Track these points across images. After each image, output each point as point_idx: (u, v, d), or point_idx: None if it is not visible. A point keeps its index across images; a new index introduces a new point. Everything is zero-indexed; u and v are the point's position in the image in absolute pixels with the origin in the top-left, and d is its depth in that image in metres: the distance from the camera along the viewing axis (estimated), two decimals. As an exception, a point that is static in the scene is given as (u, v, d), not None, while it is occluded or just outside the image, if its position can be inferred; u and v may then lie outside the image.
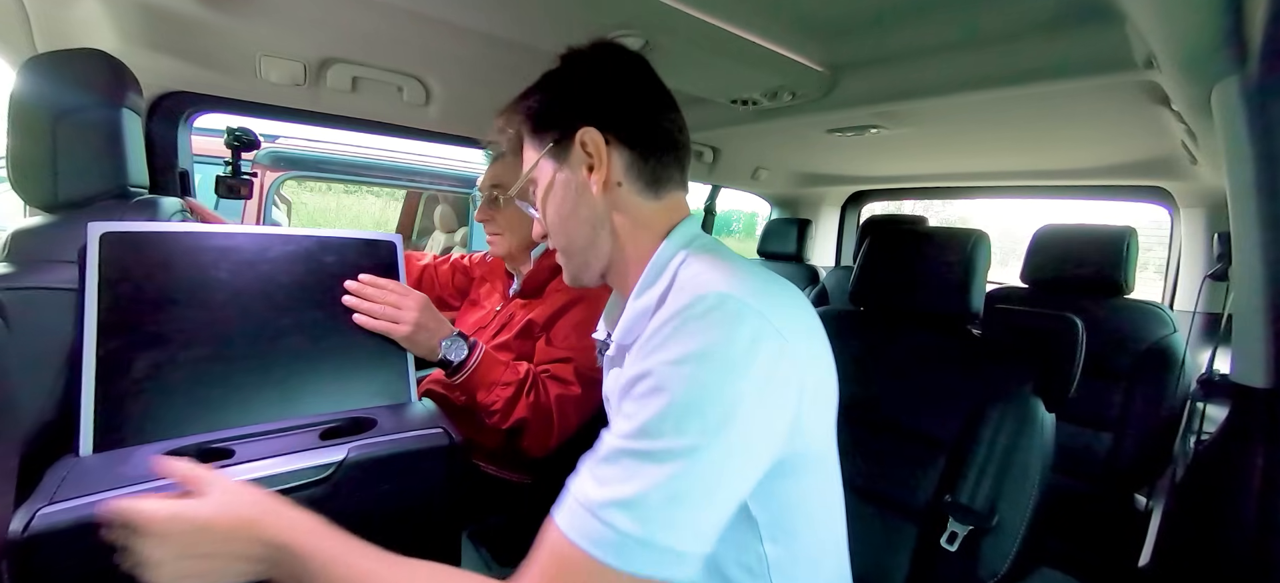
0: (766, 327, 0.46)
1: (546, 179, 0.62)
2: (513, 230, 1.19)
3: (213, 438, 0.66)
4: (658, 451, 0.42)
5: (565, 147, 0.60)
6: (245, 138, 1.25)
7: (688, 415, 0.42)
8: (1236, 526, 0.61)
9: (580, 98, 0.60)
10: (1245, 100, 0.61)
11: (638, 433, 0.44)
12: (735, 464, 0.44)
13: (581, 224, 0.61)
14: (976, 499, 0.81)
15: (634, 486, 0.41)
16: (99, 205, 0.83)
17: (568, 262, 0.65)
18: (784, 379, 0.46)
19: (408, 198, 3.61)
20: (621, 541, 0.40)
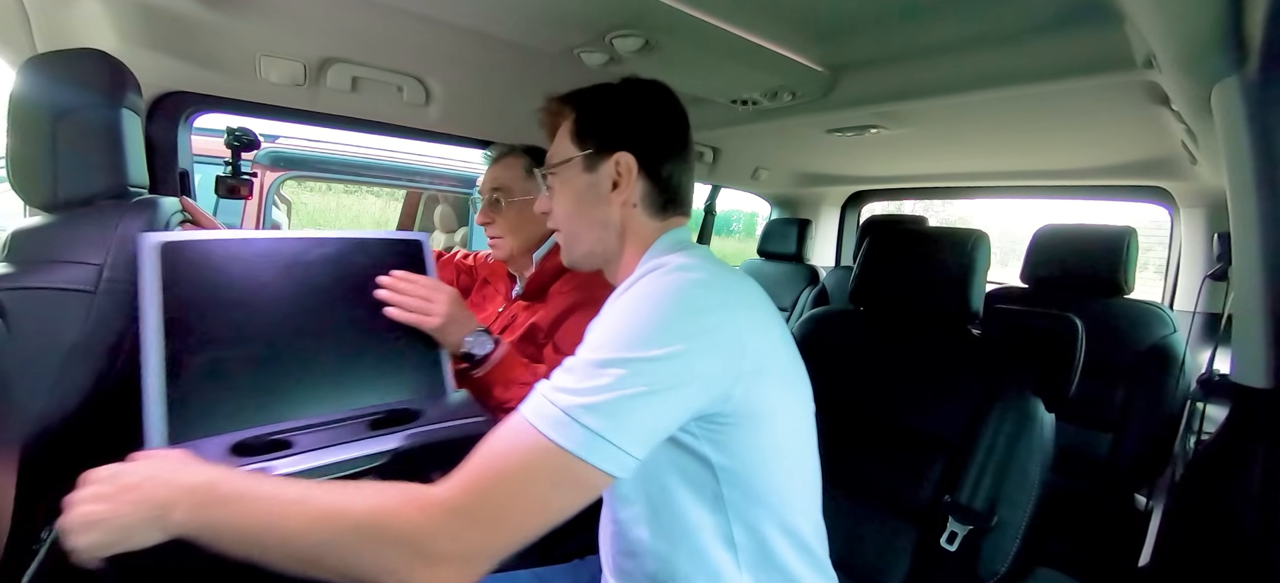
0: (707, 281, 0.56)
1: (572, 176, 0.70)
2: (515, 233, 1.19)
3: (271, 431, 0.70)
4: (606, 359, 0.50)
5: (599, 158, 0.68)
6: (245, 138, 1.25)
7: (633, 336, 0.51)
8: (1236, 526, 0.61)
9: (627, 124, 0.68)
10: (1245, 100, 0.61)
11: (592, 347, 0.52)
12: (669, 381, 0.50)
13: (591, 225, 0.70)
14: (976, 499, 0.81)
15: (585, 382, 0.49)
16: (99, 205, 0.84)
17: (567, 248, 0.73)
18: (720, 324, 0.54)
19: (408, 198, 3.61)
20: (566, 421, 0.47)
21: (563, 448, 0.46)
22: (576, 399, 0.48)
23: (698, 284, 0.55)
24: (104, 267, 0.79)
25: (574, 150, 0.69)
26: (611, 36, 0.98)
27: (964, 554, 0.78)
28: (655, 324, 0.51)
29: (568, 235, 0.72)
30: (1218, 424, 0.72)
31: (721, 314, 0.55)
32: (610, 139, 0.67)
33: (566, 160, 0.70)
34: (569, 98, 0.73)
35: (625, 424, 0.48)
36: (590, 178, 0.68)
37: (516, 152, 1.21)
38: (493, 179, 1.19)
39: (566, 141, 0.71)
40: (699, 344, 0.52)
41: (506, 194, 1.17)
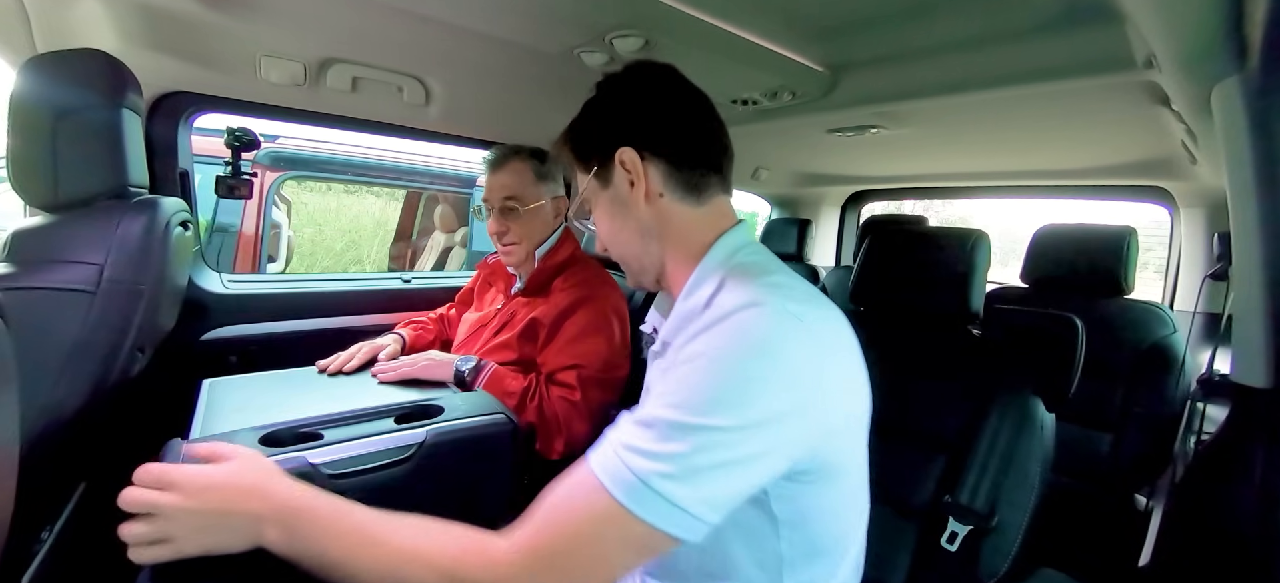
0: (802, 331, 0.49)
1: (596, 200, 0.68)
2: (529, 237, 1.20)
3: (300, 422, 0.73)
4: (689, 424, 0.46)
5: (607, 169, 0.64)
6: (245, 138, 1.26)
7: (719, 398, 0.46)
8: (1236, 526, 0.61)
9: (614, 121, 0.65)
10: (1245, 100, 0.61)
11: (673, 405, 0.47)
12: (755, 450, 0.46)
13: (631, 236, 0.66)
14: (976, 499, 0.81)
15: (663, 447, 0.45)
16: (99, 205, 0.84)
17: (628, 270, 0.70)
18: (814, 382, 0.49)
19: (408, 198, 3.61)
20: (641, 488, 0.44)
21: (636, 516, 0.44)
22: (653, 466, 0.45)
23: (787, 334, 0.48)
24: (104, 267, 0.79)
25: (585, 175, 0.68)
26: (611, 37, 0.98)
27: (964, 554, 0.78)
28: (741, 386, 0.46)
29: (621, 257, 0.69)
30: (1218, 424, 0.72)
31: (813, 369, 0.49)
32: (604, 144, 0.64)
33: (584, 188, 0.69)
34: (559, 139, 0.71)
35: (703, 493, 0.45)
36: (610, 191, 0.65)
37: (523, 155, 1.21)
38: (503, 187, 1.18)
39: (578, 175, 0.70)
40: (788, 406, 0.47)
41: (520, 201, 1.17)
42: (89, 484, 0.99)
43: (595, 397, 1.05)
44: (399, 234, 3.67)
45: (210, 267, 1.40)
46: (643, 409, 0.49)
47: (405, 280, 1.71)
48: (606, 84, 0.67)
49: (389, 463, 0.70)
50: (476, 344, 1.19)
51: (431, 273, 3.15)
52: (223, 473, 0.54)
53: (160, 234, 0.85)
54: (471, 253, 3.21)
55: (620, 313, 1.19)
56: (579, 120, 0.69)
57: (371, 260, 5.02)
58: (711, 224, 0.64)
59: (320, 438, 0.69)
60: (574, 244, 1.27)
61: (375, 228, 5.25)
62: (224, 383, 0.91)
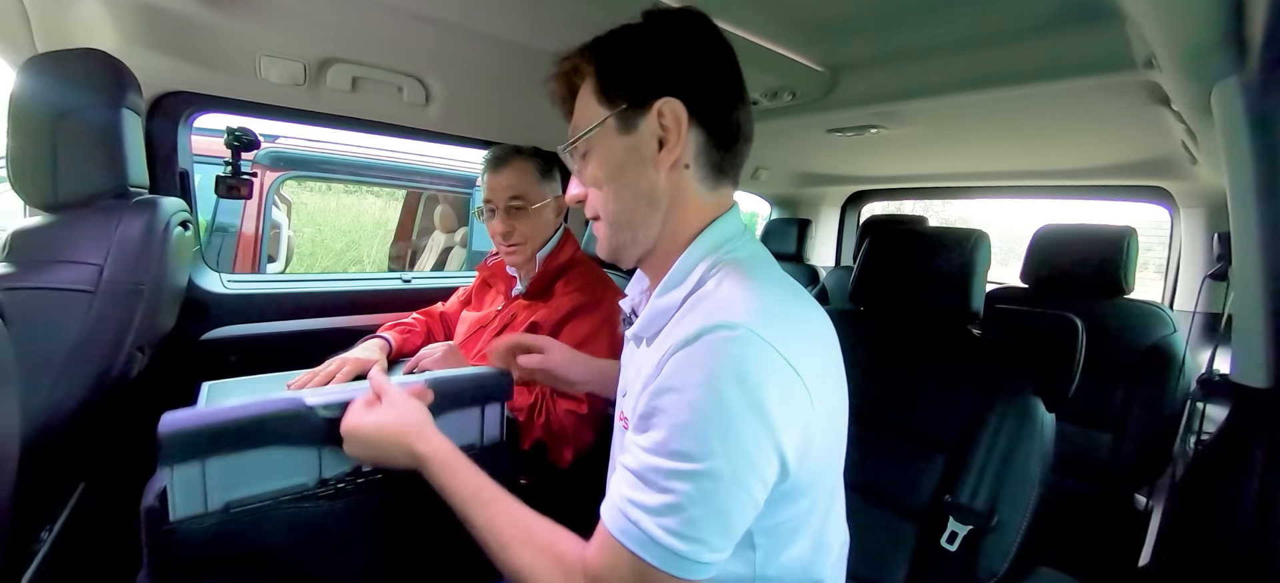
0: (776, 358, 0.46)
1: (605, 142, 0.56)
2: (534, 238, 1.19)
3: None
4: (681, 470, 0.45)
5: (637, 113, 0.54)
6: (245, 138, 1.26)
7: (704, 438, 0.45)
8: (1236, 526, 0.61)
9: (665, 64, 0.54)
10: (1245, 100, 0.61)
11: (663, 451, 0.46)
12: (746, 484, 0.46)
13: (636, 199, 0.56)
14: (976, 499, 0.81)
15: (661, 499, 0.46)
16: (99, 205, 0.84)
17: (610, 234, 0.59)
18: (793, 408, 0.47)
19: (408, 198, 3.61)
20: (651, 544, 0.46)
21: (653, 566, 0.46)
22: (653, 521, 0.45)
23: (763, 362, 0.45)
24: (104, 266, 0.79)
25: (603, 110, 0.56)
26: (611, 36, 0.98)
27: (964, 554, 0.78)
28: (723, 424, 0.44)
29: (611, 219, 0.58)
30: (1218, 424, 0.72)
31: (791, 393, 0.47)
32: (647, 86, 0.54)
33: (597, 125, 0.56)
34: (585, 50, 0.58)
35: (705, 535, 0.45)
36: (629, 140, 0.55)
37: (525, 154, 1.20)
38: (508, 186, 1.17)
39: (591, 104, 0.57)
40: (770, 433, 0.46)
41: (525, 200, 1.16)
42: (89, 484, 0.99)
43: (601, 405, 1.05)
44: (399, 234, 3.67)
45: (210, 267, 1.40)
46: (636, 454, 0.48)
47: (405, 280, 1.71)
48: (657, 16, 0.57)
49: None
50: (476, 346, 1.19)
51: (431, 273, 3.15)
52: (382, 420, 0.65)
53: (160, 234, 0.85)
54: (471, 253, 3.21)
55: None
56: (617, 49, 0.57)
57: (371, 260, 5.02)
58: (711, 213, 0.58)
59: None
60: (575, 245, 1.26)
61: (375, 228, 5.25)
62: (223, 386, 0.91)
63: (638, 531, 0.46)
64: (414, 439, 0.62)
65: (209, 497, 0.60)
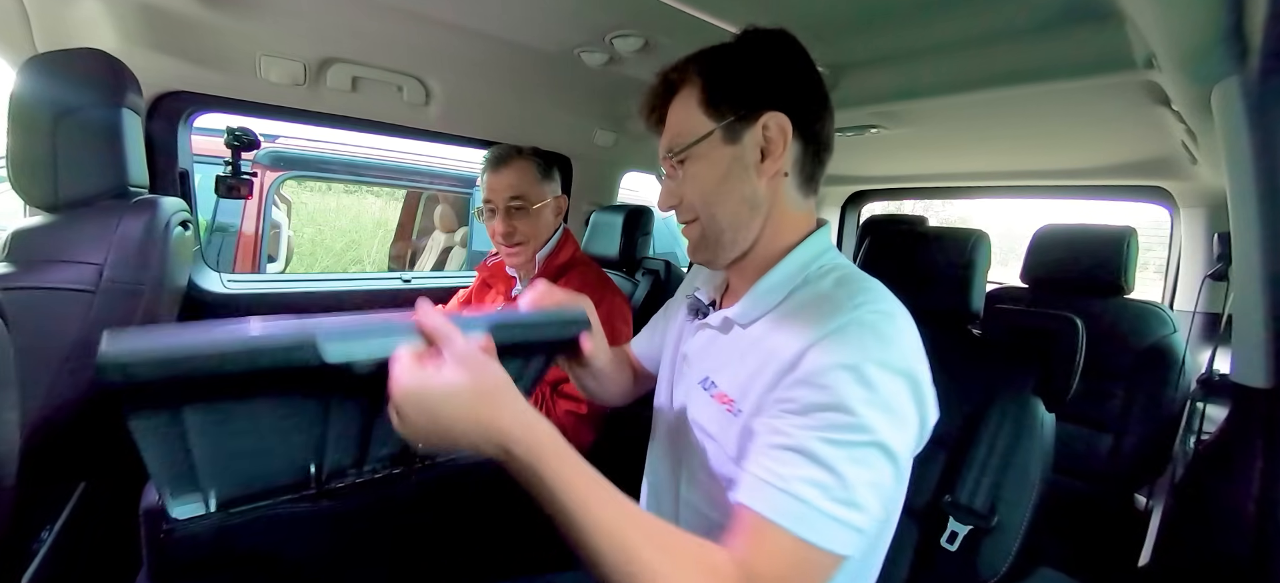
0: (910, 327, 0.53)
1: (711, 153, 0.60)
2: (534, 238, 1.19)
3: None
4: (843, 441, 0.47)
5: (742, 126, 0.58)
6: (245, 138, 1.26)
7: (873, 419, 0.47)
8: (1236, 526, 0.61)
9: (771, 80, 0.59)
10: (1245, 100, 0.61)
11: (825, 425, 0.47)
12: (897, 456, 0.49)
13: (738, 205, 0.60)
14: (976, 499, 0.81)
15: (823, 472, 0.46)
16: (99, 205, 0.84)
17: (703, 236, 0.63)
18: (928, 389, 0.53)
19: (408, 198, 3.61)
20: (819, 515, 0.45)
21: (812, 543, 0.46)
22: (818, 493, 0.46)
23: (903, 332, 0.52)
24: (104, 266, 0.79)
25: (710, 123, 0.59)
26: (611, 36, 0.98)
27: (964, 554, 0.78)
28: (882, 396, 0.48)
29: (708, 223, 0.61)
30: (1218, 424, 0.72)
31: (923, 363, 0.53)
32: (753, 100, 0.58)
33: (703, 137, 0.59)
34: (690, 63, 0.62)
35: (866, 501, 0.47)
36: (734, 151, 0.59)
37: (525, 153, 1.20)
38: (509, 186, 1.16)
39: (695, 115, 0.60)
40: (917, 407, 0.51)
41: (526, 200, 1.16)
42: (89, 484, 0.99)
43: (601, 406, 1.04)
44: (399, 234, 3.67)
45: (210, 266, 1.40)
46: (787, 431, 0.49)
47: (405, 280, 1.71)
48: (756, 38, 0.62)
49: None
50: (476, 345, 1.19)
51: (431, 273, 3.15)
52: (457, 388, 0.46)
53: (160, 234, 0.85)
54: (471, 253, 3.21)
55: (624, 317, 1.18)
56: (723, 64, 0.61)
57: (371, 260, 5.02)
58: (806, 220, 0.64)
59: None
60: (574, 245, 1.26)
61: (375, 228, 5.25)
62: None
63: (801, 505, 0.46)
64: (507, 418, 0.46)
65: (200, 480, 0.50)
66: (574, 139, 1.80)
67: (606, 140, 1.81)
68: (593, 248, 1.73)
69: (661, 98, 0.64)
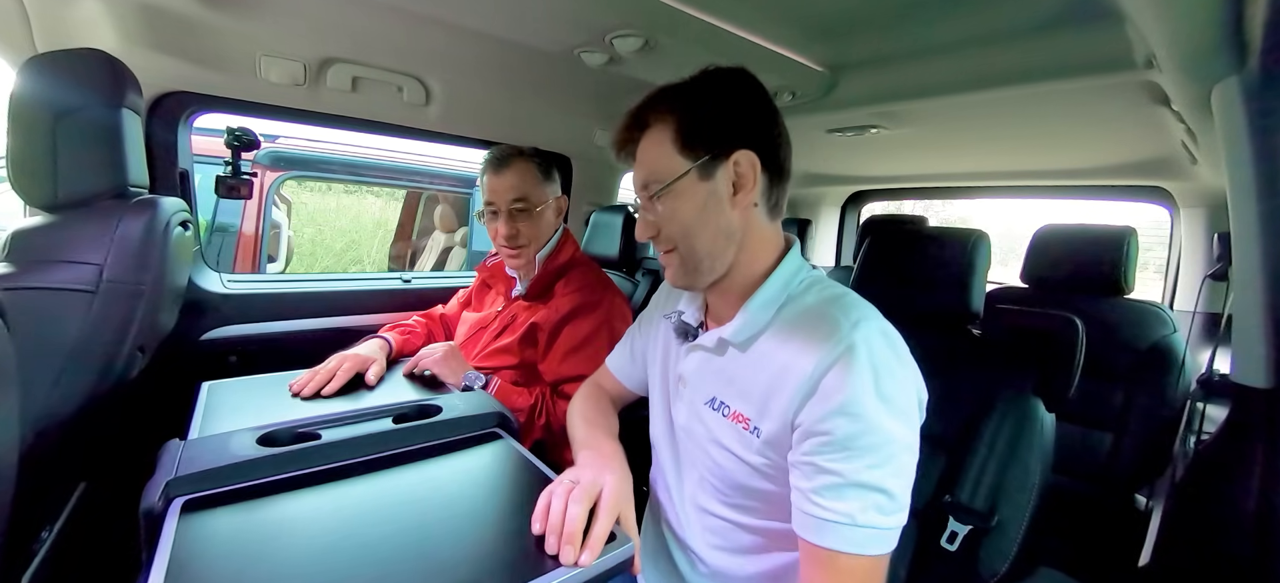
0: (901, 345, 0.60)
1: (688, 189, 0.64)
2: (537, 240, 1.19)
3: (300, 422, 0.73)
4: (882, 461, 0.53)
5: (715, 164, 0.63)
6: (245, 138, 1.26)
7: (901, 434, 0.54)
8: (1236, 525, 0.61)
9: (739, 121, 0.64)
10: (1245, 100, 0.61)
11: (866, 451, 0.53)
12: (915, 445, 0.57)
13: (714, 236, 0.65)
14: (976, 499, 0.81)
15: (876, 497, 0.53)
16: (99, 205, 0.84)
17: (683, 264, 0.68)
18: (920, 380, 0.60)
19: (408, 198, 3.61)
20: (879, 534, 0.53)
21: (883, 556, 0.54)
22: (881, 516, 0.53)
23: (898, 349, 0.59)
24: (104, 266, 0.79)
25: (685, 162, 0.64)
26: (611, 36, 0.98)
27: (964, 554, 0.78)
28: (902, 409, 0.55)
29: (686, 253, 0.66)
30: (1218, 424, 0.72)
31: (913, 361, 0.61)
32: (725, 140, 0.63)
33: (681, 175, 0.64)
34: (661, 104, 0.66)
35: (906, 499, 0.55)
36: (709, 186, 0.64)
37: (526, 155, 1.19)
38: (511, 188, 1.15)
39: (670, 153, 0.64)
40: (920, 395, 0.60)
41: (528, 202, 1.16)
42: (89, 484, 0.99)
43: None
44: (399, 234, 3.67)
45: (210, 267, 1.40)
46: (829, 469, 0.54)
47: (405, 280, 1.71)
48: (719, 77, 0.66)
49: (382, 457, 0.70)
50: (476, 347, 1.19)
51: (431, 273, 3.15)
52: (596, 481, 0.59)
53: (160, 234, 0.85)
54: (471, 253, 3.22)
55: (624, 316, 1.18)
56: (694, 106, 0.65)
57: (371, 260, 5.02)
58: (776, 240, 0.69)
59: (318, 438, 0.69)
60: (574, 246, 1.26)
61: (375, 228, 5.25)
62: (223, 385, 0.92)
63: (867, 531, 0.53)
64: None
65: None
66: (574, 139, 1.80)
67: (606, 140, 1.81)
68: (593, 248, 1.73)
69: (633, 134, 0.68)
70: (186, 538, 0.52)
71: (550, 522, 0.54)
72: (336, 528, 0.56)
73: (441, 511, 0.60)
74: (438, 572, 0.50)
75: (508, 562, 0.52)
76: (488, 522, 0.60)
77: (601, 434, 0.75)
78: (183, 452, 0.63)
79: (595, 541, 0.54)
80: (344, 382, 0.94)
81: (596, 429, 0.77)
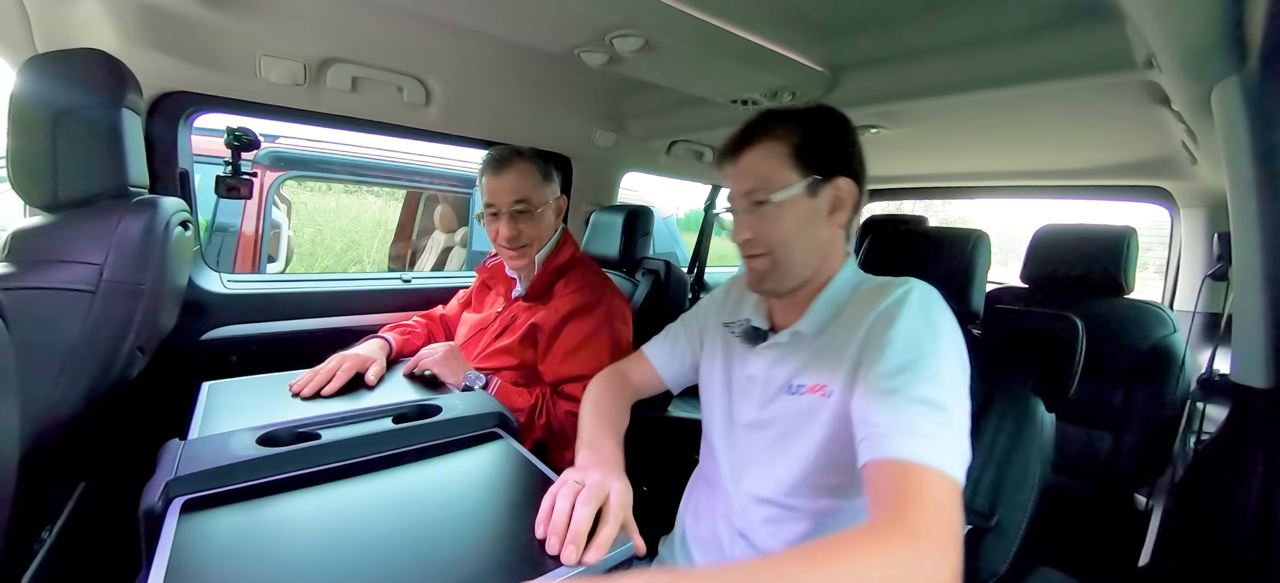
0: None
1: (794, 202, 0.71)
2: (538, 240, 1.19)
3: (300, 422, 0.73)
4: (935, 385, 0.57)
5: (822, 185, 0.72)
6: (245, 138, 1.26)
7: (952, 359, 0.60)
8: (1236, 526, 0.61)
9: (844, 153, 0.74)
10: (1245, 100, 0.61)
11: (922, 373, 0.58)
12: (966, 378, 0.60)
13: (807, 248, 0.73)
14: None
15: (941, 414, 0.55)
16: (99, 205, 0.84)
17: (773, 269, 0.74)
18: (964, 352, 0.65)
19: (408, 198, 3.61)
20: (955, 449, 0.54)
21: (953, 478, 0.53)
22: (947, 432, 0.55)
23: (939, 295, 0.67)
24: (104, 266, 0.79)
25: (796, 178, 0.71)
26: (611, 36, 0.98)
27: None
28: (953, 343, 0.62)
29: (783, 259, 0.73)
30: (1218, 424, 0.72)
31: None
32: (832, 166, 0.72)
33: (791, 188, 0.71)
34: (777, 124, 0.73)
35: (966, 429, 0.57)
36: (812, 203, 0.72)
37: (525, 156, 1.19)
38: (511, 189, 1.15)
39: (783, 168, 0.72)
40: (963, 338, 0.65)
41: (530, 203, 1.16)
42: (89, 484, 0.99)
43: None
44: (399, 234, 3.67)
45: (210, 266, 1.40)
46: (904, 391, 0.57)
47: (405, 280, 1.71)
48: (831, 112, 0.75)
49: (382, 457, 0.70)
50: (477, 347, 1.19)
51: (431, 273, 3.15)
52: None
53: (160, 234, 0.85)
54: (471, 253, 3.22)
55: (624, 317, 1.18)
56: (810, 131, 0.73)
57: (371, 260, 5.02)
58: (843, 254, 0.77)
59: (318, 438, 0.69)
60: (574, 246, 1.26)
61: (375, 228, 5.25)
62: (223, 385, 0.92)
63: (930, 443, 0.53)
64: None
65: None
66: (574, 139, 1.80)
67: (606, 140, 1.81)
68: (593, 248, 1.73)
69: (741, 145, 0.75)
70: (186, 538, 0.52)
71: (554, 522, 0.54)
72: (336, 528, 0.56)
73: (441, 511, 0.60)
74: (438, 572, 0.50)
75: (508, 562, 0.52)
76: (488, 522, 0.60)
77: (606, 434, 0.76)
78: (183, 452, 0.63)
79: (602, 542, 0.53)
80: (344, 382, 0.94)
81: (603, 426, 0.78)
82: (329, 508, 0.60)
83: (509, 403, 0.98)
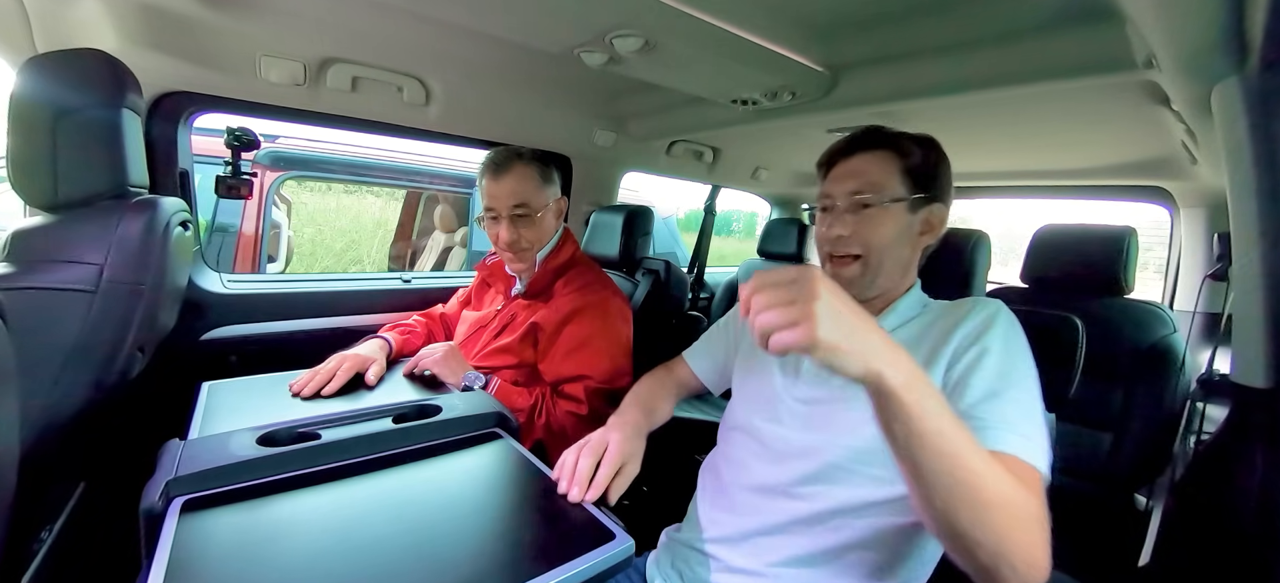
0: None
1: (895, 212, 0.75)
2: (540, 242, 1.19)
3: (300, 422, 0.73)
4: (1029, 393, 0.63)
5: (923, 204, 0.77)
6: (245, 138, 1.26)
7: (1027, 363, 0.65)
8: (1236, 526, 0.61)
9: (944, 180, 0.79)
10: (1245, 100, 0.61)
11: (1018, 382, 0.63)
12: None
13: (897, 257, 0.77)
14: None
15: (1033, 418, 0.60)
16: (99, 205, 0.84)
17: (863, 273, 0.77)
18: None
19: (408, 198, 3.61)
20: (1035, 447, 0.58)
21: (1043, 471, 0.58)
22: (1040, 434, 0.60)
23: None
24: (104, 266, 0.79)
25: (904, 190, 0.75)
26: (611, 36, 0.98)
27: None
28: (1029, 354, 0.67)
29: (874, 265, 0.76)
30: (1218, 424, 0.72)
31: None
32: (933, 191, 0.77)
33: (898, 198, 0.75)
34: (892, 138, 0.78)
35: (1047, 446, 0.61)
36: (910, 219, 0.76)
37: (525, 158, 1.18)
38: (512, 193, 1.14)
39: (894, 177, 0.76)
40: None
41: (530, 206, 1.15)
42: (89, 484, 0.99)
43: (601, 407, 1.04)
44: (399, 234, 3.68)
45: (210, 266, 1.40)
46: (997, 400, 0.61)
47: (405, 280, 1.71)
48: (936, 144, 0.81)
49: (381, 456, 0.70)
50: (476, 346, 1.19)
51: (431, 273, 3.15)
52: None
53: (160, 234, 0.85)
54: (471, 253, 3.22)
55: (624, 315, 1.18)
56: (922, 152, 0.78)
57: (371, 260, 5.02)
58: (915, 278, 0.82)
59: (318, 438, 0.69)
60: (574, 246, 1.26)
61: (375, 228, 5.24)
62: (223, 385, 0.92)
63: (1036, 448, 0.58)
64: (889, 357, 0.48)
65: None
66: (574, 139, 1.80)
67: (606, 140, 1.81)
68: (593, 248, 1.73)
69: (856, 147, 0.80)
70: (186, 538, 0.52)
71: (564, 470, 0.67)
72: (336, 528, 0.56)
73: (441, 511, 0.60)
74: (438, 572, 0.50)
75: (508, 562, 0.52)
76: (488, 522, 0.60)
77: (632, 405, 0.86)
78: (183, 452, 0.63)
79: (598, 483, 0.66)
80: (344, 382, 0.94)
81: (633, 399, 0.88)
82: (329, 508, 0.60)
83: (509, 403, 0.98)
